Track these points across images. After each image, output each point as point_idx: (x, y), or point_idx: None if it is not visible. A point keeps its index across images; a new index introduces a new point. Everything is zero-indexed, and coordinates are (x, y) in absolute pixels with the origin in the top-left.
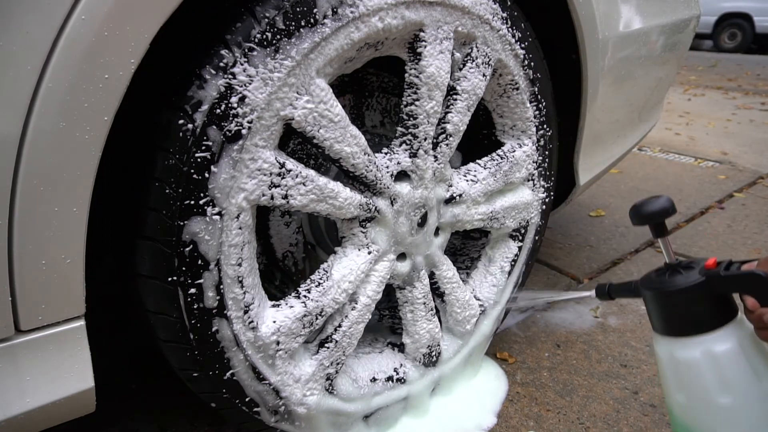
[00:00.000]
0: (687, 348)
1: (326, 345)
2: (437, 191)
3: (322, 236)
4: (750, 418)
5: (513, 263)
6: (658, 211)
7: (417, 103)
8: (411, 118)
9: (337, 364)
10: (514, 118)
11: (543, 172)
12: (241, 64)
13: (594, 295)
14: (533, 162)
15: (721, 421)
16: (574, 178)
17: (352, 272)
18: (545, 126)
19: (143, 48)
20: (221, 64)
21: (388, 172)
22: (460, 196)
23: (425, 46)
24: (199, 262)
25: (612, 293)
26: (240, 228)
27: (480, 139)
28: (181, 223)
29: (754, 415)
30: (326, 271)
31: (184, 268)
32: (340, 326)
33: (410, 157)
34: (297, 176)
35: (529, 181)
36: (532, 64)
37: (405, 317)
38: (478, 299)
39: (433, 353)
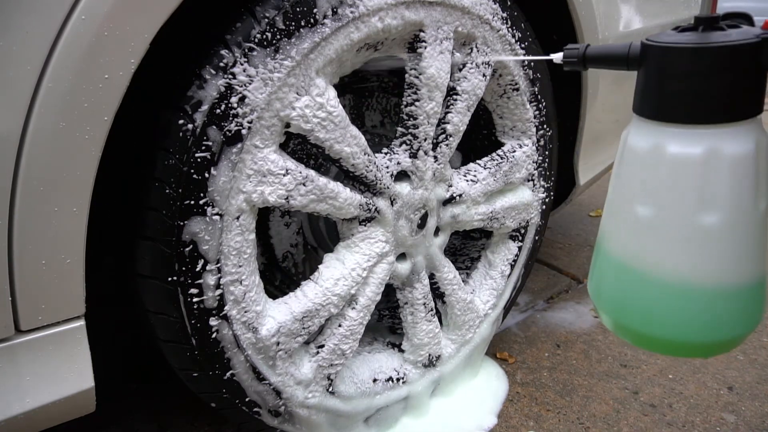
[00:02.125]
0: (686, 141)
1: (326, 345)
2: (437, 191)
3: (323, 237)
4: (726, 246)
5: (512, 264)
6: None
7: (417, 103)
8: (411, 119)
9: (338, 364)
10: (514, 119)
11: (543, 172)
12: (241, 64)
13: (561, 59)
14: (533, 162)
15: (688, 246)
16: (574, 178)
17: (351, 273)
18: (545, 126)
19: (143, 48)
20: (221, 64)
21: (388, 173)
22: (460, 196)
23: (425, 47)
24: (199, 262)
25: (589, 59)
26: (240, 228)
27: (480, 140)
28: (181, 223)
29: (731, 245)
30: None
31: (184, 268)
32: (340, 326)
33: (410, 157)
34: (297, 176)
35: (529, 181)
36: (532, 64)
37: (405, 319)
38: (478, 301)
39: (433, 354)
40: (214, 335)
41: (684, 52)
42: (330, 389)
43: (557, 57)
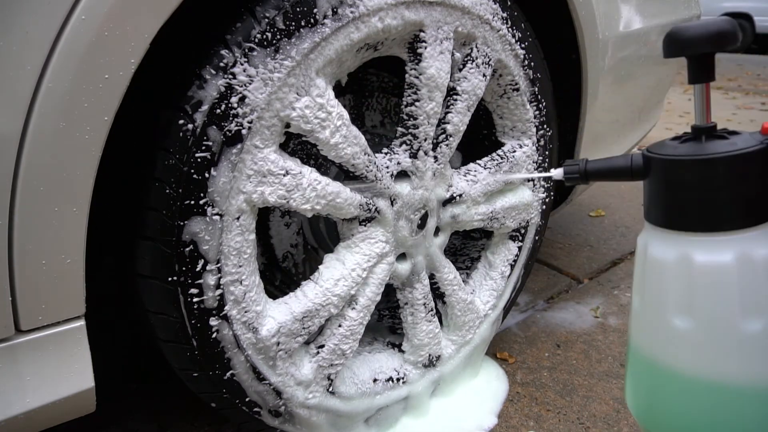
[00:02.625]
0: (713, 249)
1: (326, 346)
2: (437, 191)
3: (323, 237)
4: None
5: (512, 265)
6: (707, 37)
7: (417, 103)
8: (411, 119)
9: (338, 364)
10: (514, 119)
11: (543, 172)
12: (241, 64)
13: (562, 176)
14: (533, 162)
15: (738, 350)
16: None
17: (351, 273)
18: (545, 126)
19: (143, 48)
20: (221, 64)
21: (388, 173)
22: (460, 196)
23: (425, 47)
24: (200, 262)
25: (591, 174)
26: (240, 228)
27: (480, 140)
28: (182, 223)
29: None
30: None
31: (184, 268)
32: (340, 327)
33: (410, 157)
34: (297, 176)
35: (529, 181)
36: (532, 64)
37: (405, 320)
38: (479, 301)
39: (433, 354)
40: (214, 335)
41: (693, 165)
42: (330, 389)
43: (557, 173)
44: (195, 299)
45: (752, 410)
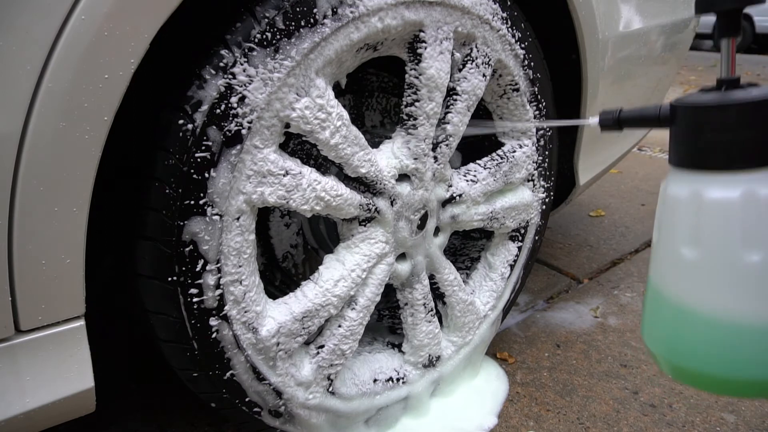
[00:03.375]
0: (723, 186)
1: (326, 346)
2: (437, 192)
3: (323, 238)
4: None
5: (512, 266)
6: None
7: (417, 103)
8: (411, 119)
9: (338, 365)
10: (514, 119)
11: (543, 172)
12: (241, 64)
13: (597, 123)
14: (533, 162)
15: (737, 283)
16: (574, 178)
17: (351, 273)
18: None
19: (143, 48)
20: (221, 64)
21: (388, 173)
22: (460, 196)
23: (425, 47)
24: (199, 262)
25: (623, 121)
26: (240, 228)
27: (480, 140)
28: (181, 223)
29: None
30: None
31: (184, 268)
32: (340, 327)
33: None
34: (297, 176)
35: (529, 181)
36: (532, 64)
37: (405, 320)
38: (479, 302)
39: (433, 354)
40: (214, 335)
41: (709, 110)
42: (330, 389)
43: (593, 121)
44: (195, 299)
45: (750, 344)
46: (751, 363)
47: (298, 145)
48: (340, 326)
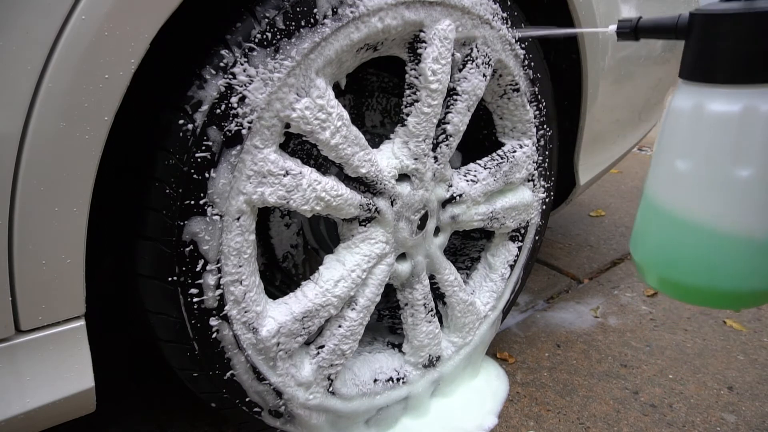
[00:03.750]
0: (725, 99)
1: (326, 346)
2: (437, 192)
3: (323, 238)
4: (759, 199)
5: (512, 266)
6: None
7: (417, 104)
8: (411, 119)
9: (338, 365)
10: (514, 119)
11: (543, 172)
12: (241, 64)
13: (614, 30)
14: (533, 162)
15: (726, 196)
16: (575, 178)
17: (351, 274)
18: (545, 126)
19: (143, 48)
20: (221, 64)
21: (389, 173)
22: (460, 196)
23: (425, 47)
24: (200, 262)
25: (641, 31)
26: (240, 229)
27: (480, 140)
28: (182, 223)
29: (765, 198)
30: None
31: (184, 268)
32: (340, 327)
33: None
34: (297, 177)
35: (529, 181)
36: (532, 64)
37: (405, 321)
38: (479, 302)
39: (433, 354)
40: (214, 335)
41: (727, 18)
42: (330, 389)
43: (611, 29)
44: (195, 299)
45: (734, 256)
46: (734, 274)
47: (299, 145)
48: (340, 326)
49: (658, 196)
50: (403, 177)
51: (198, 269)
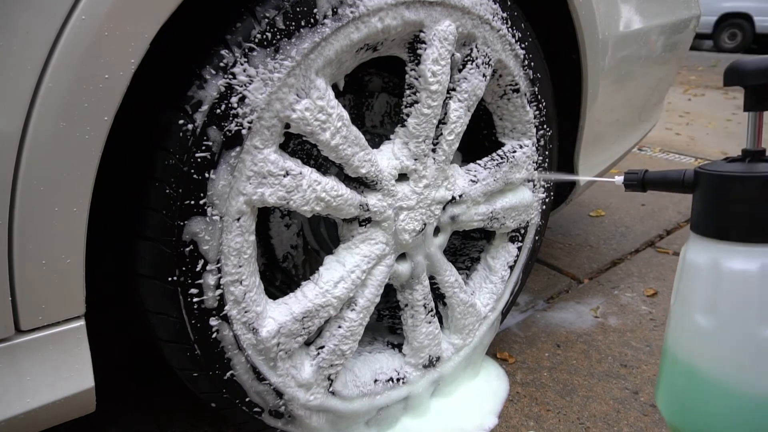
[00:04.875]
0: (742, 258)
1: (326, 346)
2: (437, 192)
3: (323, 238)
4: None
5: (512, 267)
6: (763, 70)
7: (417, 104)
8: (411, 119)
9: (338, 365)
10: (514, 121)
11: (543, 172)
12: (241, 64)
13: (621, 182)
14: (533, 162)
15: (750, 355)
16: None
17: (351, 274)
18: (545, 126)
19: (143, 48)
20: (221, 64)
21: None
22: (460, 196)
23: (425, 49)
24: (200, 262)
25: (647, 183)
26: (240, 229)
27: (480, 140)
28: (182, 223)
29: None
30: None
31: (184, 268)
32: (339, 328)
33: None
34: (297, 177)
35: (529, 181)
36: (532, 64)
37: (405, 322)
38: (479, 303)
39: (434, 355)
40: (214, 335)
41: (734, 181)
42: (331, 389)
43: (618, 180)
44: (195, 299)
45: (760, 416)
46: None
47: (298, 145)
48: (340, 327)
49: (682, 350)
50: (402, 177)
51: (198, 269)
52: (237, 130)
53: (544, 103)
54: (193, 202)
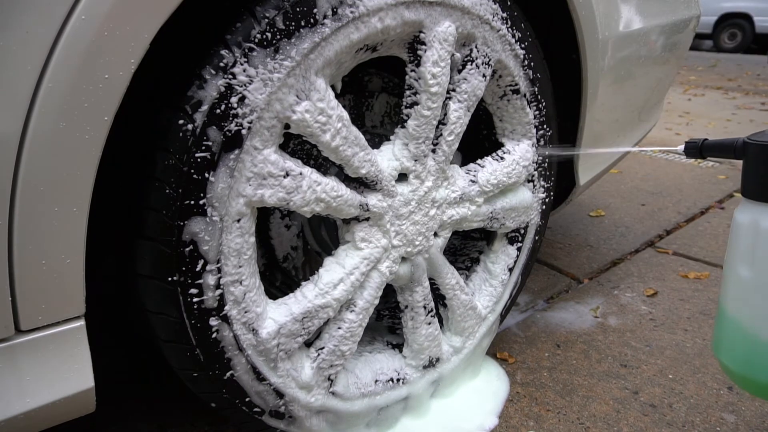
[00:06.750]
0: None
1: (326, 347)
2: (437, 192)
3: (323, 239)
4: None
5: (511, 269)
6: None
7: (417, 105)
8: (411, 120)
9: (338, 365)
10: (514, 122)
11: (543, 173)
12: (241, 65)
13: (682, 150)
14: (533, 162)
15: None
16: (574, 178)
17: (350, 276)
18: (545, 126)
19: (143, 48)
20: (221, 64)
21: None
22: (461, 197)
23: (425, 50)
24: (200, 262)
25: (705, 150)
26: (240, 230)
27: (480, 140)
28: (181, 224)
29: None
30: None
31: (184, 269)
32: (339, 329)
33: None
34: (297, 178)
35: (529, 181)
36: (532, 64)
37: (405, 324)
38: (479, 304)
39: (434, 356)
40: (214, 335)
41: None
42: (331, 390)
43: (680, 148)
44: (195, 299)
45: None
46: None
47: (298, 146)
48: (339, 328)
49: (728, 303)
50: (402, 177)
51: (198, 269)
52: (237, 131)
53: (543, 103)
54: (192, 202)
